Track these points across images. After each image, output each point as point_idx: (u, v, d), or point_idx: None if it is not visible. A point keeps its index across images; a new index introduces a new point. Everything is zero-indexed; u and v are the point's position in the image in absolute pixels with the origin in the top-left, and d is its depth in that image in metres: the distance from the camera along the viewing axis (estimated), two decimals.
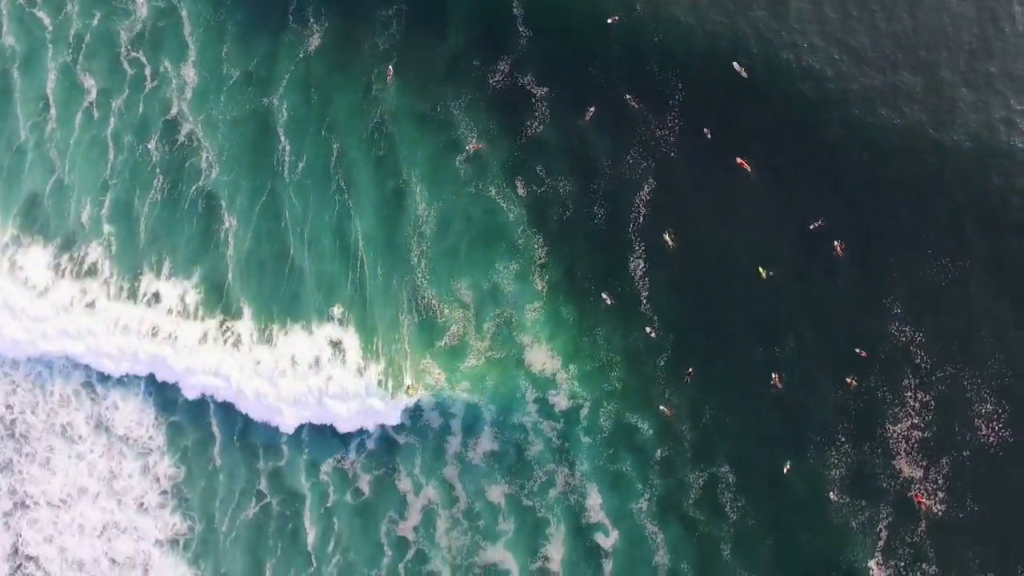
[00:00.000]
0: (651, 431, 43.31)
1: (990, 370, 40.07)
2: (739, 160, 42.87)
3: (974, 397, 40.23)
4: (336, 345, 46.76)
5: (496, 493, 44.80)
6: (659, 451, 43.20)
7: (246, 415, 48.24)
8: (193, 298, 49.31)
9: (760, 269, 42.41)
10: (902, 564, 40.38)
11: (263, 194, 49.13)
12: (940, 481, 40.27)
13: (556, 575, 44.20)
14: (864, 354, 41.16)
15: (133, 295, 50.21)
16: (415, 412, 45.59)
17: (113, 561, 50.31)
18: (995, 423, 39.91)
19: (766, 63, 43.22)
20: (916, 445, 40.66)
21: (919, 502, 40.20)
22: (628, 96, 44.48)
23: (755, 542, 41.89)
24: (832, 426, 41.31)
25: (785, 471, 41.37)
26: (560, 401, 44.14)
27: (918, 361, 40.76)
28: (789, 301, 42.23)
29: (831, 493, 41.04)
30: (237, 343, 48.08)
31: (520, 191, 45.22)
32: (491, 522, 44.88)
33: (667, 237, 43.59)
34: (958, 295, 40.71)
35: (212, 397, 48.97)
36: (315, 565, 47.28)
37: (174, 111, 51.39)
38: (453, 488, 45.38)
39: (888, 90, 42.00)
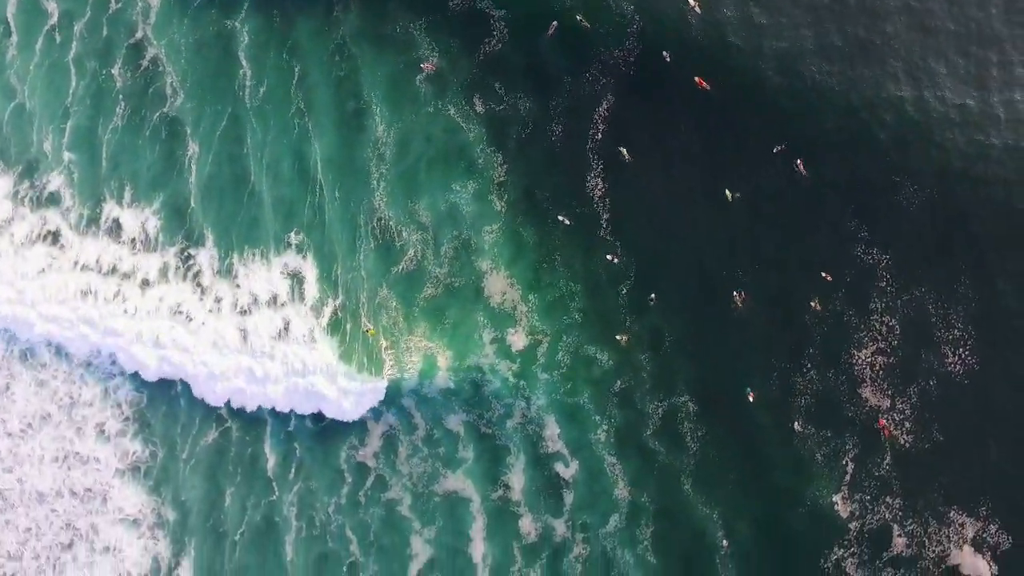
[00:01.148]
0: (610, 362, 42.56)
1: (956, 295, 39.05)
2: (698, 79, 41.65)
3: (940, 323, 39.22)
4: (295, 276, 46.04)
5: (455, 421, 44.26)
6: (618, 382, 42.44)
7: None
8: (154, 225, 48.65)
9: (728, 191, 41.27)
10: (867, 498, 39.60)
11: (224, 119, 48.49)
12: (907, 411, 39.39)
13: (517, 504, 43.63)
14: (829, 277, 40.13)
15: (94, 223, 49.52)
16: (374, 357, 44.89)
17: (73, 492, 49.98)
18: (962, 350, 38.95)
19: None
20: (882, 372, 39.73)
21: (881, 427, 39.30)
22: (581, 19, 43.42)
23: (717, 475, 41.08)
24: (796, 352, 40.43)
25: (750, 399, 40.45)
26: (518, 340, 43.33)
27: (884, 285, 39.76)
28: (752, 224, 41.24)
29: (796, 423, 40.19)
30: (197, 276, 47.42)
31: (479, 109, 44.39)
32: (451, 450, 44.37)
33: (623, 151, 42.67)
34: (925, 218, 39.71)
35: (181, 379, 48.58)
36: (276, 493, 46.82)
37: (138, 35, 50.59)
38: (412, 416, 44.79)
39: (846, 39, 41.01)
